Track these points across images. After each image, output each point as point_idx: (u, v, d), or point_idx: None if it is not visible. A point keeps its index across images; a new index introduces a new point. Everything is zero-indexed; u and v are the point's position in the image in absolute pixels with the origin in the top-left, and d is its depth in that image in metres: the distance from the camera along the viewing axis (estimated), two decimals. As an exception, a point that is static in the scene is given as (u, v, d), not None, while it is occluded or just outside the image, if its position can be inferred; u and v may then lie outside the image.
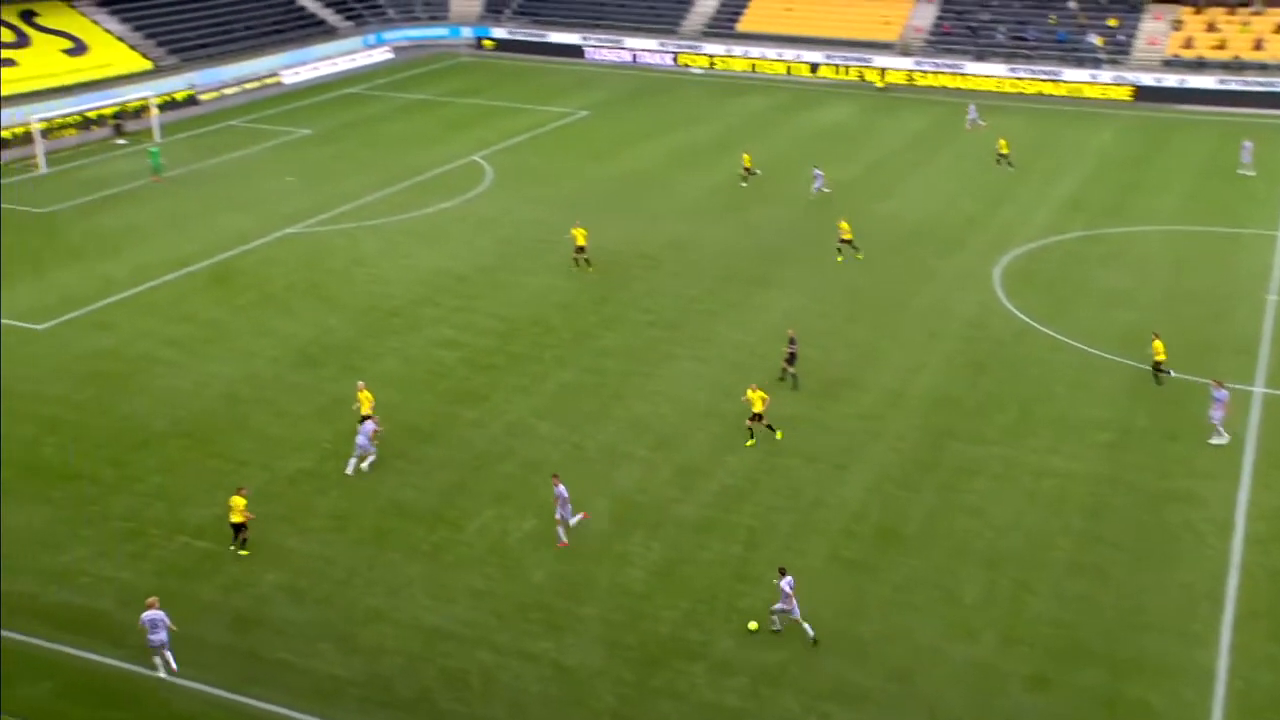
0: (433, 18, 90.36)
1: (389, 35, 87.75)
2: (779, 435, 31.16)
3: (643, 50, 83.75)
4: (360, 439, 29.70)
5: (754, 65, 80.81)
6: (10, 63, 65.02)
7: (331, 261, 44.25)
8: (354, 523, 27.60)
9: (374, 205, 51.18)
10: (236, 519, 26.27)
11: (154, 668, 22.72)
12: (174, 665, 22.71)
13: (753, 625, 24.28)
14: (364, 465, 29.74)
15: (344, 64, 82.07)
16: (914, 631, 24.28)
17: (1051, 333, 37.97)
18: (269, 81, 76.03)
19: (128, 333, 37.79)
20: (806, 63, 79.82)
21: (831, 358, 36.42)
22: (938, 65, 77.33)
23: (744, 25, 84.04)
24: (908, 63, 77.99)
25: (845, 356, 36.53)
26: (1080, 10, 78.80)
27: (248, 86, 74.36)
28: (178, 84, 70.40)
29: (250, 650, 23.52)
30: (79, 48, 68.65)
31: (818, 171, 52.52)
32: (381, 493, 28.83)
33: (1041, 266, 44.20)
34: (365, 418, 30.68)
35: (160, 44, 73.40)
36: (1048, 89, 74.26)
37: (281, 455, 30.48)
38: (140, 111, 64.52)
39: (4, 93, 62.31)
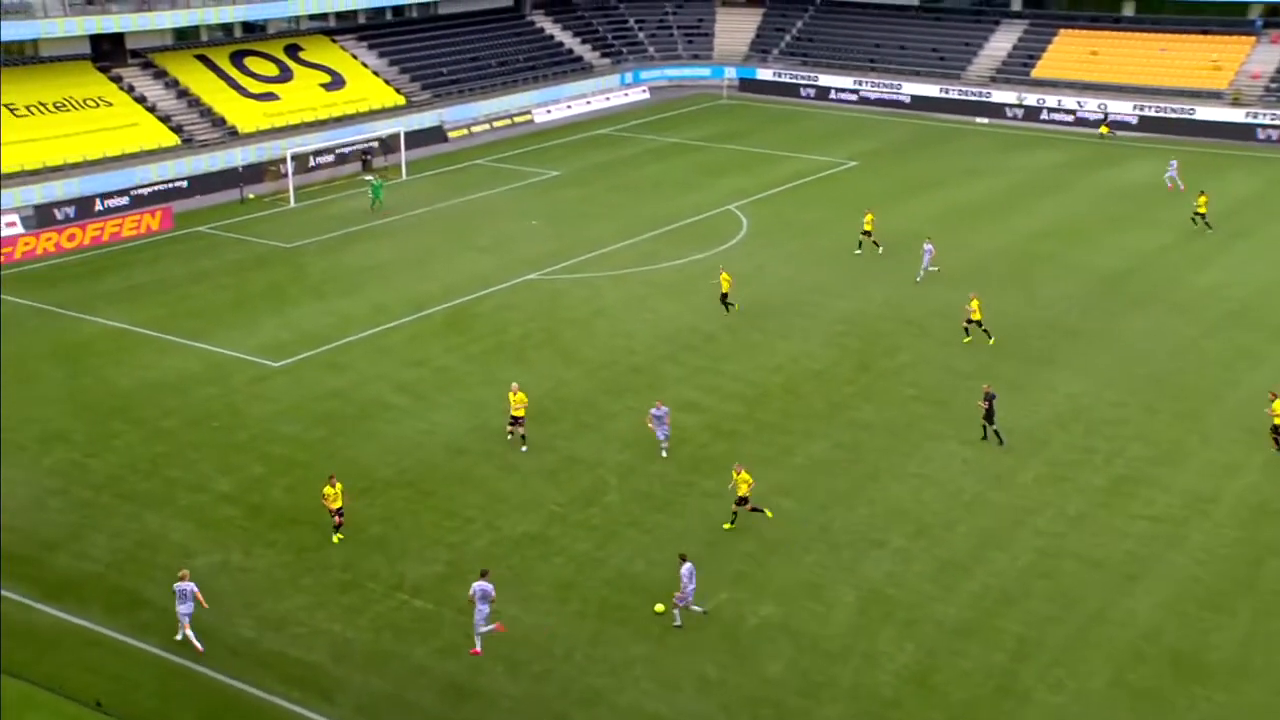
0: (695, 56, 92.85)
1: (647, 74, 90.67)
2: (769, 514, 30.84)
3: (922, 96, 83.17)
4: (658, 423, 34.25)
5: (1049, 115, 78.82)
6: (273, 96, 70.99)
7: (572, 311, 45.75)
8: (578, 593, 28.19)
9: (620, 253, 52.65)
10: (334, 505, 30.29)
11: (175, 632, 26.01)
12: (199, 647, 25.73)
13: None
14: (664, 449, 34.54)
15: (598, 103, 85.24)
16: (1215, 781, 22.60)
17: (1404, 438, 34.92)
18: (519, 119, 79.83)
19: (360, 374, 40.18)
20: (1113, 113, 77.21)
21: (1123, 450, 34.71)
22: (1277, 117, 73.18)
23: (1040, 71, 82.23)
24: (1238, 114, 74.22)
25: (1140, 451, 34.75)
26: None
27: (497, 124, 78.32)
28: (428, 120, 74.94)
29: (461, 720, 24.28)
30: (337, 82, 74.24)
31: (928, 247, 48.91)
32: (609, 563, 29.34)
33: (1394, 359, 40.85)
34: (515, 420, 34.51)
35: (414, 79, 78.43)
36: None
37: (506, 515, 31.54)
38: (389, 147, 68.98)
39: (263, 126, 68.08)
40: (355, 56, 77.87)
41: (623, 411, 37.15)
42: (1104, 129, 75.34)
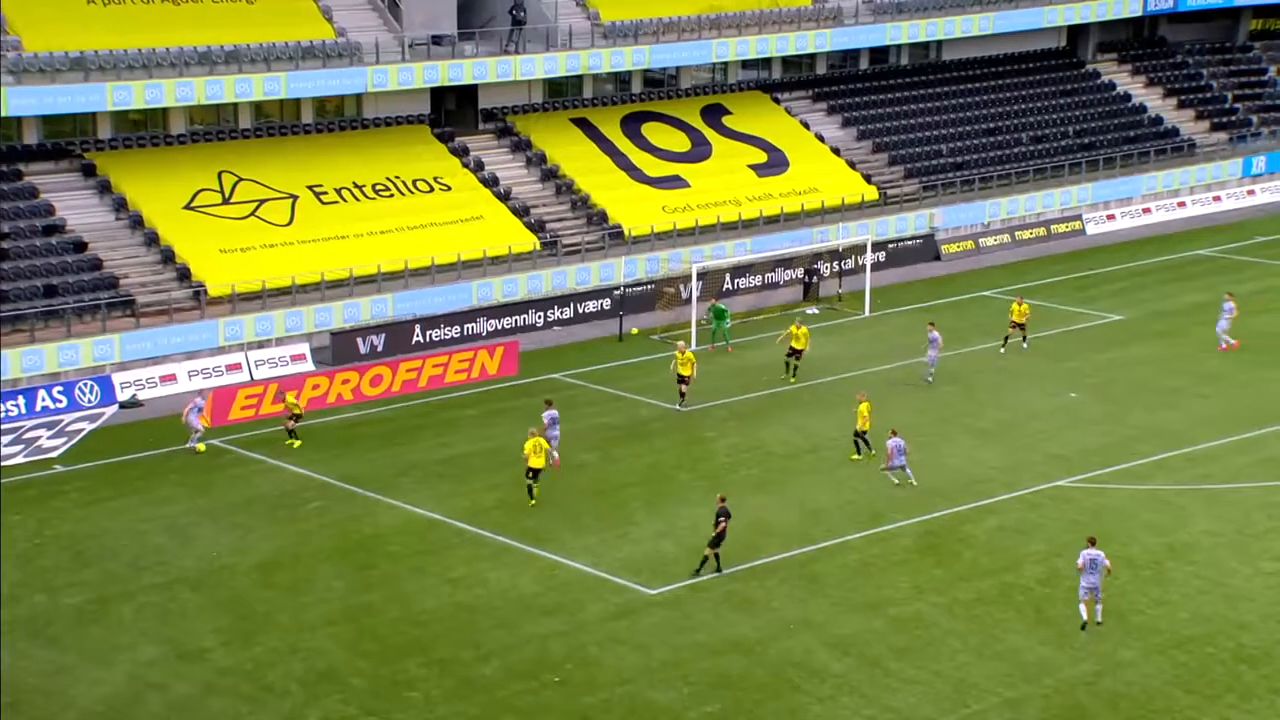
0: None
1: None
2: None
3: None
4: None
5: None
6: (678, 182, 74.59)
7: (1131, 545, 44.49)
8: None
9: (1218, 455, 51.28)
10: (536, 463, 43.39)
11: None
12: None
13: None
14: None
15: (1199, 205, 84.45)
16: None
17: None
18: (1061, 228, 79.86)
19: (776, 618, 40.43)
20: None
21: None
22: None
23: None
24: None
25: None
26: None
27: (1024, 235, 78.54)
28: (912, 224, 76.37)
29: None
30: (775, 162, 77.09)
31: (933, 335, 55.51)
32: None
33: None
34: (682, 379, 46.75)
35: (893, 160, 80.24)
36: None
37: None
38: (848, 265, 70.23)
39: (660, 226, 71.37)
40: (806, 125, 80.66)
41: (1213, 725, 35.53)
42: None
